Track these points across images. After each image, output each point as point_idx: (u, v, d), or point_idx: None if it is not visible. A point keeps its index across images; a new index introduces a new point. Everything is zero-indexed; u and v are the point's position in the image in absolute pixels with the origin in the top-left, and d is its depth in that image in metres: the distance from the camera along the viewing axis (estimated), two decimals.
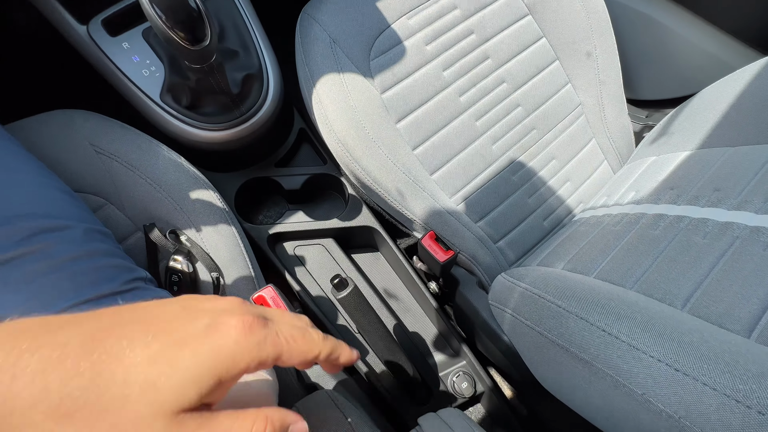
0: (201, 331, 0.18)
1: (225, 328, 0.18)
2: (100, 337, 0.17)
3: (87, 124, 0.50)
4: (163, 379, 0.16)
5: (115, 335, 0.17)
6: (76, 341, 0.16)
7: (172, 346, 0.17)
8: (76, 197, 0.45)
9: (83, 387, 0.15)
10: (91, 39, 0.50)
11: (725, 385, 0.23)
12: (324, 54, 0.53)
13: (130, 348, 0.17)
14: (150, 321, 0.18)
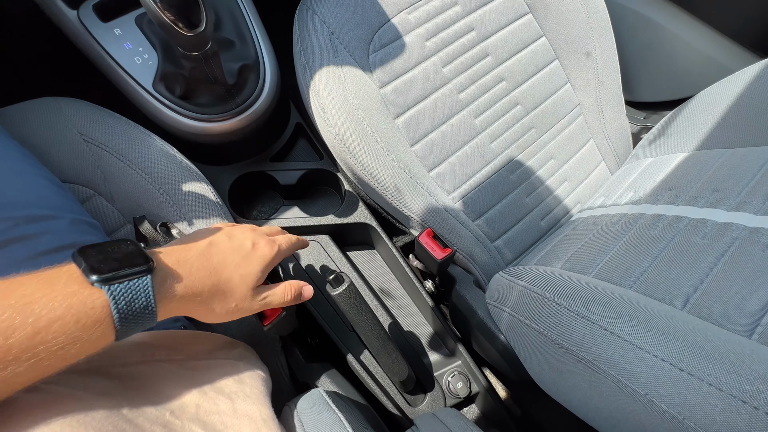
0: (250, 248, 0.35)
1: (260, 245, 0.36)
2: (209, 255, 0.32)
3: (76, 112, 0.48)
4: (246, 276, 0.34)
5: (214, 257, 0.32)
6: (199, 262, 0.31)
7: (243, 258, 0.34)
8: (63, 187, 0.43)
9: (214, 282, 0.32)
10: (81, 24, 0.48)
11: (731, 386, 0.23)
12: (322, 46, 0.52)
13: (225, 263, 0.33)
14: (224, 244, 0.34)
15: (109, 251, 0.26)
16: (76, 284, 0.23)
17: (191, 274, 0.30)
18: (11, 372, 0.21)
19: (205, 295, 0.31)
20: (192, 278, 0.30)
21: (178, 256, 0.30)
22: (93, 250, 0.25)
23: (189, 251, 0.31)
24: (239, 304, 0.34)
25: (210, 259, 0.32)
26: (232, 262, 0.33)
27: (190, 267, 0.30)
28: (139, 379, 0.31)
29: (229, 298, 0.33)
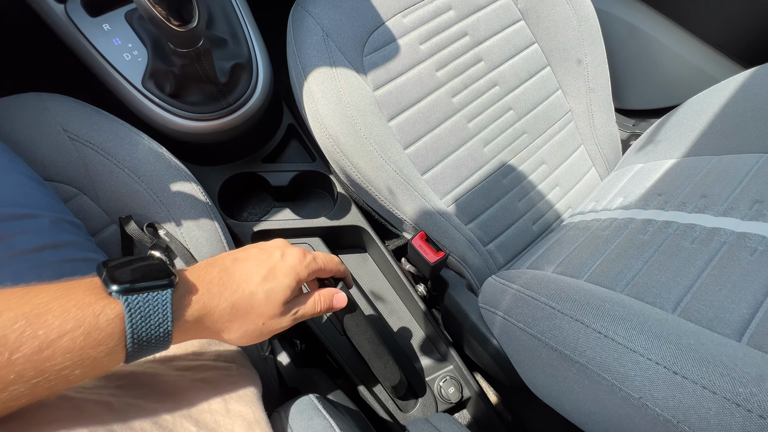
0: (278, 257, 0.32)
1: (291, 257, 0.33)
2: (232, 270, 0.30)
3: (61, 108, 0.47)
4: (274, 291, 0.30)
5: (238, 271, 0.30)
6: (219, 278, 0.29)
7: (271, 271, 0.31)
8: (45, 185, 0.42)
9: (236, 299, 0.29)
10: (69, 19, 0.47)
11: (725, 389, 0.23)
12: (317, 47, 0.52)
13: (249, 277, 0.30)
14: (251, 259, 0.31)
15: (134, 264, 0.25)
16: (93, 295, 0.22)
17: (210, 290, 0.28)
18: (10, 394, 0.19)
19: (225, 314, 0.28)
20: (211, 295, 0.27)
21: (200, 273, 0.28)
22: (117, 262, 0.25)
23: (212, 268, 0.29)
24: (267, 323, 0.31)
25: (232, 275, 0.29)
26: (258, 275, 0.30)
27: (210, 283, 0.28)
28: (129, 377, 0.30)
29: (254, 317, 0.30)
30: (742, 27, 0.61)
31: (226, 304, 0.28)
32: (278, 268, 0.31)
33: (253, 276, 0.30)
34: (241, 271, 0.30)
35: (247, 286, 0.29)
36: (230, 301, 0.28)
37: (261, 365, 0.49)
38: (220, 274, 0.29)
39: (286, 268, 0.32)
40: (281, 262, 0.32)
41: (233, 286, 0.29)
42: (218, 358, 0.37)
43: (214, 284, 0.28)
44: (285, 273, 0.31)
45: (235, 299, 0.28)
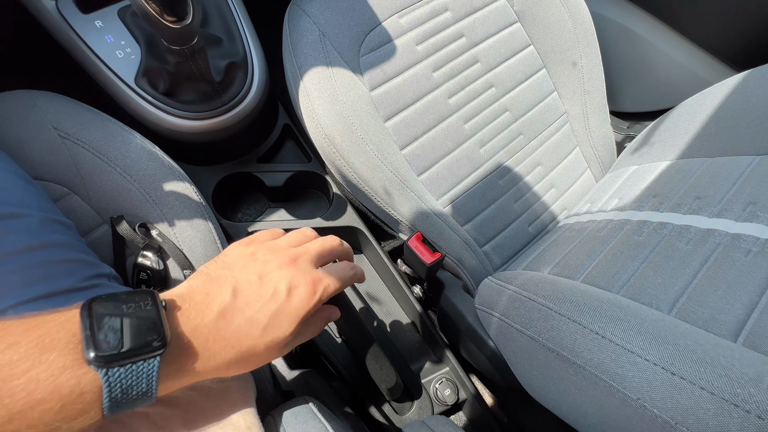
0: (283, 296, 0.28)
1: (298, 294, 0.28)
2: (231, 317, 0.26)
3: (51, 105, 0.46)
4: (275, 342, 0.27)
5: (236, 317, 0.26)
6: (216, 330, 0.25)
7: (275, 317, 0.27)
8: (34, 184, 0.41)
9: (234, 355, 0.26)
10: (60, 15, 0.46)
11: (723, 389, 0.23)
12: (313, 47, 0.52)
13: (249, 327, 0.26)
14: (251, 298, 0.27)
15: (123, 310, 0.22)
16: (71, 356, 0.20)
17: (206, 348, 0.24)
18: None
19: (220, 368, 0.25)
20: (207, 353, 0.24)
21: (194, 322, 0.25)
22: (104, 306, 0.21)
23: (207, 309, 0.25)
24: (263, 362, 0.28)
25: (230, 323, 0.26)
26: (258, 326, 0.26)
27: (206, 338, 0.25)
28: None
29: (251, 364, 0.27)
30: (734, 31, 0.62)
31: (222, 360, 0.25)
32: (283, 314, 0.27)
33: (254, 327, 0.26)
34: (241, 317, 0.26)
35: (246, 341, 0.26)
36: (227, 357, 0.25)
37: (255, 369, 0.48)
38: (218, 322, 0.25)
39: (293, 312, 0.28)
40: (287, 303, 0.27)
41: (231, 341, 0.25)
42: None
43: (211, 340, 0.25)
44: (290, 320, 0.27)
45: (233, 355, 0.26)
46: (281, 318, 0.27)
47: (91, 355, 0.20)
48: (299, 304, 0.28)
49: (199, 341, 0.24)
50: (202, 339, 0.24)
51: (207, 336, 0.25)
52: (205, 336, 0.25)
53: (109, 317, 0.21)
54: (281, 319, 0.27)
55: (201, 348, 0.24)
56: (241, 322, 0.26)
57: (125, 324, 0.21)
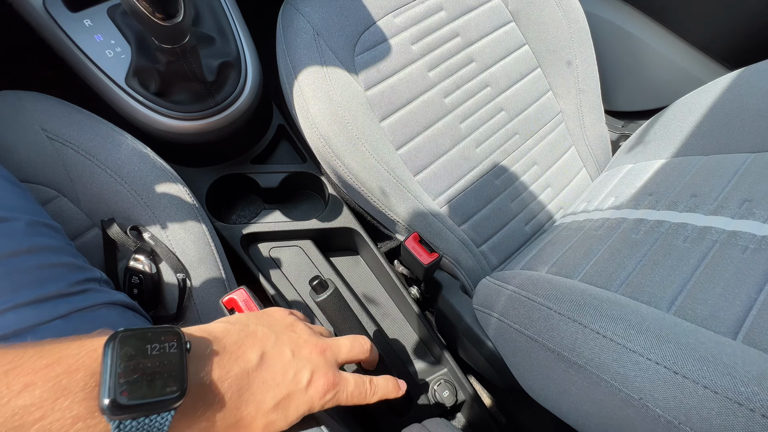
0: (303, 386, 0.27)
1: (315, 387, 0.28)
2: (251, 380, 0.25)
3: (38, 106, 0.45)
4: (275, 423, 0.26)
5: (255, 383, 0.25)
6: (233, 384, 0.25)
7: (287, 398, 0.26)
8: (20, 186, 0.40)
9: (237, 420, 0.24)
10: (47, 13, 0.45)
11: (727, 388, 0.22)
12: (307, 46, 0.51)
13: (261, 395, 0.25)
14: (277, 370, 0.27)
15: (147, 352, 0.21)
16: (85, 404, 0.19)
17: (218, 410, 0.23)
18: None
19: (222, 428, 0.24)
20: (215, 407, 0.23)
21: (218, 375, 0.24)
22: (131, 346, 0.20)
23: (233, 365, 0.25)
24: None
25: (250, 388, 0.25)
26: (271, 402, 0.26)
27: (222, 399, 0.24)
28: None
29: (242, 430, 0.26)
30: (727, 30, 0.62)
31: (226, 423, 0.24)
32: (294, 400, 0.27)
33: (267, 401, 0.25)
34: (261, 385, 0.25)
35: (254, 410, 0.25)
36: (231, 421, 0.24)
37: None
38: (240, 382, 0.25)
39: (302, 404, 0.27)
40: (303, 393, 0.27)
41: (243, 405, 0.25)
42: None
43: (227, 399, 0.24)
44: (297, 410, 0.27)
45: (236, 420, 0.25)
46: (291, 404, 0.27)
47: (106, 403, 0.18)
48: (311, 398, 0.27)
49: (212, 395, 0.23)
50: (216, 393, 0.23)
51: (224, 395, 0.24)
52: (223, 394, 0.24)
53: (132, 360, 0.20)
54: (290, 405, 0.27)
55: (211, 401, 0.23)
56: (257, 391, 0.25)
57: (147, 370, 0.20)
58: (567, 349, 0.31)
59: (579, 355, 0.30)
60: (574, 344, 0.30)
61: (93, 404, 0.19)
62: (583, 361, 0.29)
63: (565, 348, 0.31)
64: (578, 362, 0.30)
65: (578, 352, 0.30)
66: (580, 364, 0.30)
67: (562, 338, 0.32)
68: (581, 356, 0.30)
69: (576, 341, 0.30)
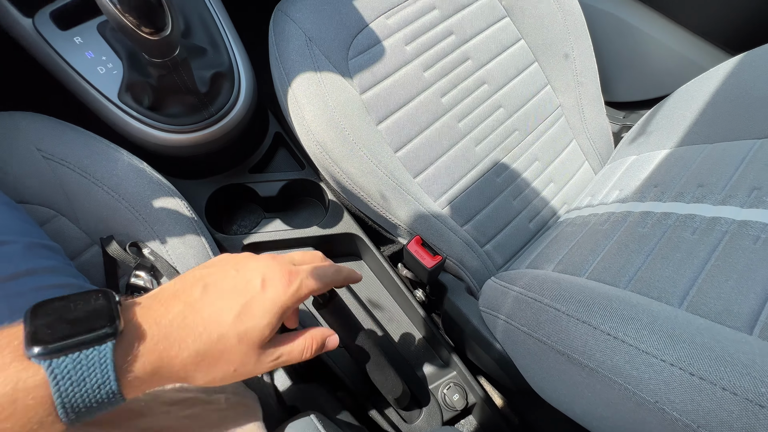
0: (258, 287, 0.26)
1: (273, 284, 0.27)
2: (200, 307, 0.24)
3: (33, 126, 0.45)
4: (248, 333, 0.25)
5: (206, 308, 0.25)
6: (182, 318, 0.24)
7: (247, 306, 0.25)
8: (18, 208, 0.40)
9: (202, 347, 0.24)
10: (37, 33, 0.45)
11: (747, 389, 0.21)
12: (300, 52, 0.50)
13: (219, 315, 0.25)
14: (224, 288, 0.26)
15: (70, 308, 0.20)
16: (10, 356, 0.18)
17: (169, 336, 0.22)
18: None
19: (188, 364, 0.23)
20: (169, 342, 0.22)
21: (158, 312, 0.23)
22: (50, 307, 0.20)
23: (176, 301, 0.24)
24: (240, 369, 0.26)
25: (199, 312, 0.24)
26: (230, 313, 0.25)
27: (169, 326, 0.23)
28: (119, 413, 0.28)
29: (223, 364, 0.25)
30: (725, 15, 0.61)
31: (189, 352, 0.23)
32: (256, 303, 0.26)
33: (224, 314, 0.24)
34: (210, 307, 0.24)
35: (215, 328, 0.24)
36: (194, 348, 0.23)
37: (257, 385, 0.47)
38: (185, 311, 0.24)
39: (267, 302, 0.26)
40: (261, 294, 0.26)
41: (199, 329, 0.23)
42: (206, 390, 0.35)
43: (175, 327, 0.23)
44: (265, 310, 0.26)
45: (201, 345, 0.23)
46: (254, 308, 0.25)
47: (34, 351, 0.18)
48: (274, 295, 0.26)
49: (162, 330, 0.22)
50: (164, 328, 0.23)
51: (170, 324, 0.23)
52: (167, 325, 0.23)
53: (53, 314, 0.20)
54: (254, 308, 0.25)
55: (163, 337, 0.22)
56: (211, 311, 0.24)
57: (72, 315, 0.20)
58: (577, 351, 0.30)
59: (590, 358, 0.29)
60: (584, 347, 0.29)
61: (20, 354, 0.19)
62: (594, 364, 0.29)
63: (576, 351, 0.30)
64: (590, 365, 0.29)
65: (589, 355, 0.29)
66: (591, 366, 0.29)
67: (572, 340, 0.31)
68: (592, 359, 0.29)
69: (587, 343, 0.29)
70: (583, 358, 0.29)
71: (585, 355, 0.29)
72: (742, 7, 0.59)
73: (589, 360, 0.29)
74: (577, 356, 0.30)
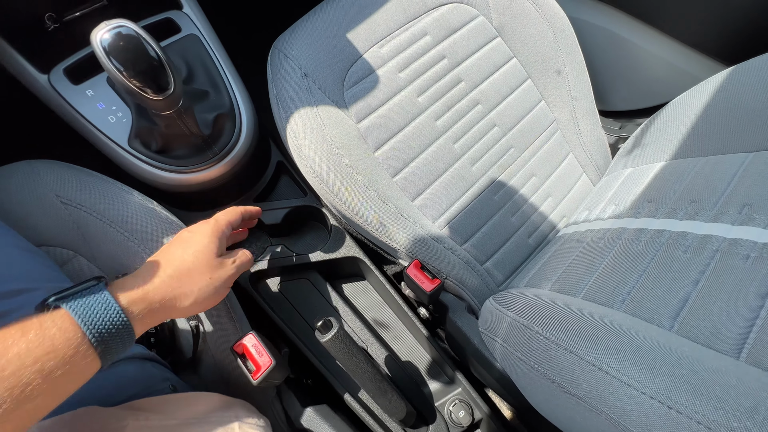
0: (189, 233, 0.40)
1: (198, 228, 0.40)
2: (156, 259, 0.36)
3: (51, 173, 0.48)
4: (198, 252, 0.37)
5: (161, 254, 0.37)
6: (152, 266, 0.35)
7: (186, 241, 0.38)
8: (40, 254, 0.43)
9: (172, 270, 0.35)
10: (53, 88, 0.48)
11: (720, 423, 0.22)
12: (296, 89, 0.53)
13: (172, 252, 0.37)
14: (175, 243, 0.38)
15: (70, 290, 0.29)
16: (41, 314, 0.26)
17: (142, 275, 0.33)
18: None
19: (169, 284, 0.33)
20: (144, 277, 0.33)
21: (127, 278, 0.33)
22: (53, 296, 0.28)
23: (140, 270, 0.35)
24: (213, 275, 0.37)
25: (157, 260, 0.35)
26: (178, 247, 0.37)
27: (138, 275, 0.33)
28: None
29: (197, 275, 0.36)
30: (715, 28, 0.61)
31: (164, 276, 0.33)
32: (193, 237, 0.38)
33: (174, 248, 0.37)
34: (164, 255, 0.36)
35: (173, 257, 0.36)
36: (167, 273, 0.34)
37: (268, 409, 0.49)
38: (147, 266, 0.34)
39: (198, 235, 0.39)
40: (193, 234, 0.39)
41: (162, 265, 0.34)
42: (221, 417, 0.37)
43: (144, 270, 0.33)
44: (199, 236, 0.38)
45: (170, 270, 0.34)
46: (193, 236, 0.39)
47: (50, 300, 0.26)
48: (201, 228, 0.40)
49: (136, 276, 0.33)
50: (135, 275, 0.33)
51: (139, 274, 0.33)
52: (138, 274, 0.33)
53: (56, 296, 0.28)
54: (193, 237, 0.38)
55: (138, 278, 0.32)
56: (166, 255, 0.36)
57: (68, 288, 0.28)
58: (566, 380, 0.31)
59: (578, 387, 0.30)
60: (572, 376, 0.31)
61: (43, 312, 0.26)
62: (582, 393, 0.30)
63: (565, 379, 0.31)
64: (578, 394, 0.30)
65: (576, 384, 0.30)
66: (580, 395, 0.30)
67: (561, 369, 0.32)
68: (580, 388, 0.30)
69: (573, 373, 0.31)
70: (572, 386, 0.31)
71: (573, 384, 0.31)
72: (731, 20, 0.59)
73: (577, 389, 0.30)
74: (566, 384, 0.31)
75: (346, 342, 0.42)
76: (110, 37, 0.33)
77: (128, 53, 0.33)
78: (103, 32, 0.32)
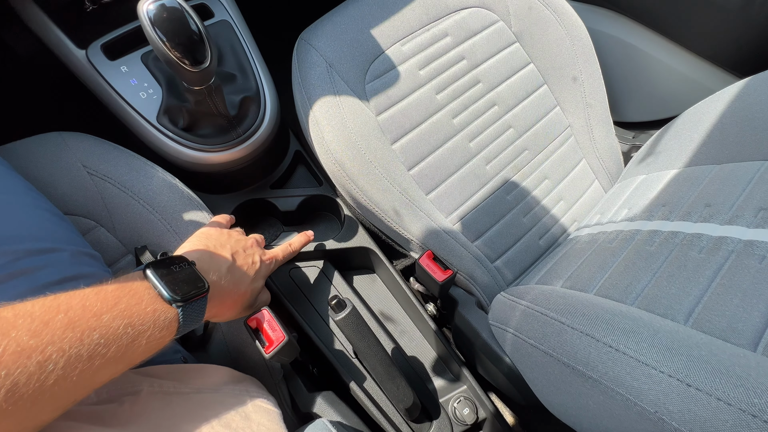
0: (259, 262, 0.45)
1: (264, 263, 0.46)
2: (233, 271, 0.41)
3: (80, 145, 0.49)
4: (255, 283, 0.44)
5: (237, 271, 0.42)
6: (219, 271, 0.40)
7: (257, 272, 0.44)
8: (65, 219, 0.44)
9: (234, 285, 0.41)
10: (89, 63, 0.50)
11: (740, 400, 0.22)
12: (321, 78, 0.54)
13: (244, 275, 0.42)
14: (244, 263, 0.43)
15: (175, 272, 0.32)
16: (158, 303, 0.30)
17: (222, 288, 0.38)
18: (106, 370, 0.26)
19: (229, 303, 0.40)
20: (224, 291, 0.39)
21: (214, 276, 0.38)
22: (163, 270, 0.32)
23: (218, 270, 0.39)
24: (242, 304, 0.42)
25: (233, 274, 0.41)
26: (248, 277, 0.43)
27: (221, 282, 0.39)
28: (149, 412, 0.31)
29: (239, 304, 0.41)
30: (731, 41, 0.62)
31: (231, 297, 0.40)
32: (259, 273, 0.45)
33: (245, 277, 0.42)
34: (239, 272, 0.42)
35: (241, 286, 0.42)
36: (232, 296, 0.40)
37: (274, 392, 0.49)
38: (227, 274, 0.40)
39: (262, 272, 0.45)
40: (262, 266, 0.45)
41: (233, 285, 0.40)
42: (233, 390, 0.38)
43: (224, 283, 0.39)
44: (262, 277, 0.45)
45: (234, 295, 0.41)
46: (258, 275, 0.44)
47: (168, 298, 0.30)
48: (266, 269, 0.46)
49: (219, 285, 0.38)
50: (219, 284, 0.38)
51: (221, 281, 0.38)
52: (221, 282, 0.38)
53: (168, 275, 0.32)
54: (258, 276, 0.44)
55: (220, 288, 0.38)
56: (238, 275, 0.41)
57: (181, 277, 0.32)
58: (581, 363, 0.31)
59: (593, 369, 0.30)
60: (587, 358, 0.31)
61: (163, 303, 0.30)
62: (597, 375, 0.30)
63: (580, 362, 0.31)
64: (593, 376, 0.30)
65: (592, 366, 0.30)
66: (594, 378, 0.30)
67: (576, 353, 0.32)
68: (595, 370, 0.30)
69: (590, 355, 0.31)
70: (587, 369, 0.31)
71: (588, 366, 0.31)
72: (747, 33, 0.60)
73: (592, 371, 0.30)
74: (581, 367, 0.31)
75: (359, 322, 0.42)
76: (155, 9, 0.34)
77: (172, 24, 0.35)
78: (149, 3, 0.34)
